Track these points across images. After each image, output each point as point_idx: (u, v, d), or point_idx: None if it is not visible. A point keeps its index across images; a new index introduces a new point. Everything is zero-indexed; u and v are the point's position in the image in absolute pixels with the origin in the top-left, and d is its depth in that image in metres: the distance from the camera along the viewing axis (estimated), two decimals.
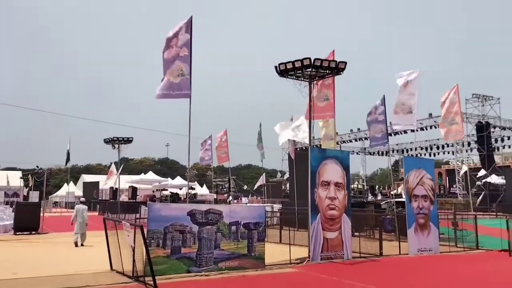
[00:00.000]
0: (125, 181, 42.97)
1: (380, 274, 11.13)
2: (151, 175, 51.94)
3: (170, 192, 45.48)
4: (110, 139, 33.09)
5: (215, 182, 47.75)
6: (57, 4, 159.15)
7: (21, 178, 53.72)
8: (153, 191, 47.46)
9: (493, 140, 50.33)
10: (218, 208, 11.22)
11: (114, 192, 39.77)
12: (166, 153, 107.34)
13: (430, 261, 13.20)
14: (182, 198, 42.44)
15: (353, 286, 9.19)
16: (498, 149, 54.77)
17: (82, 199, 20.91)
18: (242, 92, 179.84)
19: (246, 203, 44.23)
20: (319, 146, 20.92)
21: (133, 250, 9.34)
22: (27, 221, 20.61)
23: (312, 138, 14.53)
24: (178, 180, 51.04)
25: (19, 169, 67.33)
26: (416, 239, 14.38)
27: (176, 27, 12.39)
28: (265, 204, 26.21)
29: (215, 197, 45.99)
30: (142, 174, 55.79)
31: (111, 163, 37.60)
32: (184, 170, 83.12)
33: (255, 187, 44.22)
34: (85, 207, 17.52)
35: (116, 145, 33.31)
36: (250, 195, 57.66)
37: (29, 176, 46.29)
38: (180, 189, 48.77)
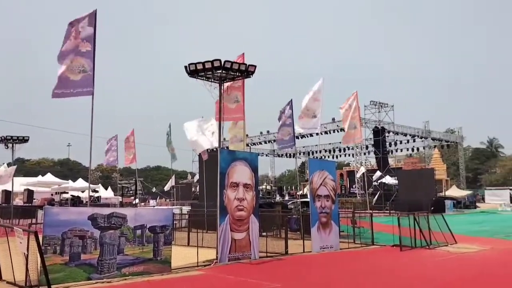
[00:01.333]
0: (20, 184, 39.45)
1: (284, 272, 11.49)
2: (49, 177, 48.27)
3: (71, 195, 42.74)
4: (2, 138, 30.17)
5: (120, 184, 45.80)
6: None
7: None
8: (52, 194, 44.23)
9: (387, 144, 54.79)
10: (122, 212, 10.75)
11: (7, 195, 36.29)
12: (68, 154, 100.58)
13: (331, 257, 13.95)
14: (84, 202, 40.14)
15: (259, 285, 9.38)
16: (392, 152, 59.81)
17: None
18: (152, 90, 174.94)
19: (154, 206, 43.09)
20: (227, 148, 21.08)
21: (26, 258, 8.59)
22: None
23: (223, 140, 14.62)
24: (80, 183, 48.06)
25: None
26: (319, 237, 15.08)
27: (78, 19, 11.65)
28: (173, 207, 25.73)
29: (121, 200, 44.13)
30: (40, 176, 51.71)
31: (3, 164, 34.28)
32: (87, 171, 78.75)
33: (165, 189, 43.23)
34: None
35: (10, 145, 30.50)
36: (158, 198, 56.28)
37: None
38: (82, 192, 46.05)
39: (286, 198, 45.99)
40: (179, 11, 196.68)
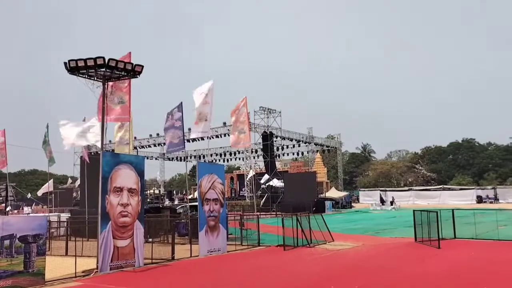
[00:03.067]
0: None
1: (169, 278, 11.30)
2: None
3: None
4: None
5: None
6: None
7: None
8: None
9: (275, 148, 57.18)
10: None
11: None
12: None
13: (217, 260, 14.07)
14: None
15: None
16: (279, 156, 62.58)
17: None
18: (29, 89, 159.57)
19: (29, 213, 39.25)
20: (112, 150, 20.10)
21: None
22: None
23: (107, 142, 13.88)
24: None
25: None
26: (207, 241, 15.11)
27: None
28: (49, 214, 23.72)
29: None
30: None
31: None
32: None
33: (40, 194, 39.58)
34: None
35: None
36: (34, 204, 51.47)
37: None
38: None
39: (176, 202, 45.36)
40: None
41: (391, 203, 48.74)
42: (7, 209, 35.58)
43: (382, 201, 51.71)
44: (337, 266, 12.40)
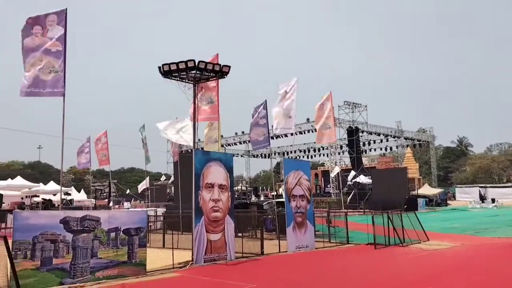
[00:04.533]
0: None
1: (260, 272, 11.52)
2: (19, 180, 46.95)
3: (42, 198, 41.69)
4: None
5: (93, 187, 44.97)
6: None
7: None
8: (22, 198, 43.04)
9: (361, 143, 55.58)
10: (96, 214, 10.57)
11: None
12: (38, 156, 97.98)
13: (307, 257, 14.06)
14: (56, 205, 39.23)
15: (235, 286, 9.37)
16: (365, 151, 60.70)
17: None
18: (124, 91, 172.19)
19: (128, 208, 42.47)
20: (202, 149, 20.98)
21: None
22: None
23: (197, 141, 14.54)
24: (52, 186, 46.96)
25: None
26: (294, 237, 15.18)
27: (44, 16, 11.35)
28: (148, 208, 25.42)
29: (94, 202, 43.33)
30: (9, 179, 50.22)
31: None
32: (59, 174, 76.98)
33: (139, 191, 42.64)
34: None
35: None
36: (132, 200, 55.51)
37: None
38: (54, 195, 44.99)
39: (262, 198, 46.10)
40: (155, 9, 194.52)
41: (493, 200, 45.02)
42: (110, 204, 38.76)
43: (482, 199, 47.97)
44: (434, 267, 11.74)
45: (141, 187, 39.27)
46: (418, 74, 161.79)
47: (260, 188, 69.96)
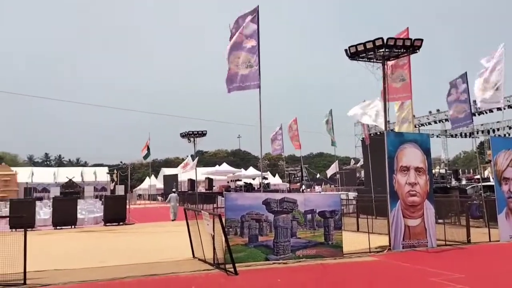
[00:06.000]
0: (201, 173, 44.50)
1: (468, 262, 10.47)
2: (225, 167, 53.34)
3: (244, 182, 46.37)
4: (185, 133, 34.35)
5: (287, 171, 47.79)
6: None
7: (107, 173, 57.75)
8: (228, 182, 48.72)
9: None
10: (293, 197, 11.18)
11: (192, 183, 41.36)
12: (238, 145, 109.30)
13: None
14: (256, 188, 43.09)
15: (439, 275, 8.71)
16: None
17: (174, 189, 29.55)
18: (312, 75, 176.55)
19: (320, 192, 43.85)
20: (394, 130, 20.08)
21: (213, 239, 9.59)
22: (115, 213, 22.07)
23: (388, 122, 13.97)
24: (251, 171, 51.89)
25: (106, 165, 72.24)
26: (508, 225, 13.35)
27: (241, 16, 12.42)
28: (339, 192, 25.74)
29: (288, 186, 46.07)
30: (217, 166, 57.44)
31: (187, 156, 39.00)
32: (256, 160, 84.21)
33: (328, 175, 43.55)
34: (176, 195, 26.00)
35: (192, 139, 34.57)
36: (323, 184, 57.07)
37: (115, 171, 49.49)
38: (253, 179, 49.54)
39: (463, 182, 41.81)
40: None
41: None
42: (302, 188, 40.63)
43: None
44: None
45: (330, 171, 39.96)
46: None
47: (461, 170, 63.53)
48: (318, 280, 8.66)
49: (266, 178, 49.60)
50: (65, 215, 20.81)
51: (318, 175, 66.89)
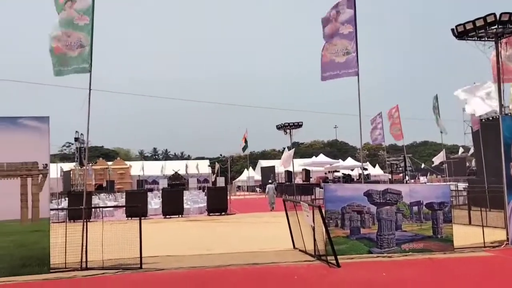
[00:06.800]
0: (298, 165, 44.59)
1: None
2: (322, 158, 52.84)
3: (342, 173, 45.54)
4: (281, 125, 34.64)
5: (388, 161, 45.89)
6: None
7: (208, 166, 60.71)
8: (325, 173, 48.24)
9: None
10: (396, 188, 10.69)
11: (289, 175, 41.71)
12: (335, 135, 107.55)
13: None
14: (355, 179, 42.10)
15: None
16: None
17: (270, 181, 31.22)
18: (412, 59, 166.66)
19: (425, 183, 41.42)
20: (510, 114, 18.16)
21: (313, 230, 9.56)
22: (217, 203, 23.10)
23: (502, 106, 12.71)
24: (349, 161, 50.74)
25: (207, 158, 75.96)
26: None
27: (335, 3, 12.09)
28: (447, 183, 24.08)
29: (390, 177, 44.25)
30: (314, 157, 57.16)
31: (284, 148, 39.40)
32: (354, 151, 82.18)
33: (433, 165, 40.96)
34: (273, 186, 27.34)
35: (288, 131, 34.77)
36: (428, 174, 53.88)
37: (215, 163, 51.75)
38: (352, 170, 48.44)
39: None
40: None
41: None
42: (405, 178, 38.72)
43: None
44: None
45: (437, 160, 37.53)
46: None
47: None
48: (426, 275, 8.19)
49: (366, 169, 48.24)
50: (173, 205, 22.30)
51: (422, 165, 63.20)
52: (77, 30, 9.93)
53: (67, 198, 24.35)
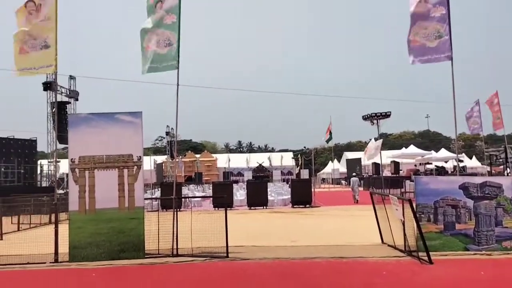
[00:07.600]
0: (386, 157, 42.90)
1: None
2: (412, 149, 50.36)
3: (435, 165, 42.97)
4: (368, 115, 33.52)
5: (487, 152, 42.31)
6: None
7: (292, 158, 60.83)
8: (416, 165, 45.87)
9: None
10: (497, 181, 9.77)
11: (376, 167, 40.29)
12: (427, 125, 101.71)
13: None
14: (449, 172, 39.53)
15: None
16: None
17: (354, 174, 31.58)
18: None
19: None
20: None
21: (403, 225, 9.10)
22: (301, 195, 23.02)
23: None
24: (443, 153, 47.76)
25: (290, 150, 76.15)
26: None
27: None
28: None
29: (488, 169, 40.82)
30: (403, 148, 54.66)
31: (370, 139, 38.07)
32: (448, 141, 77.15)
33: None
34: (357, 179, 27.41)
35: (375, 121, 33.56)
36: None
37: (299, 156, 51.65)
38: (446, 162, 45.51)
39: None
40: None
41: None
42: (507, 171, 35.42)
43: None
44: None
45: None
46: None
47: None
48: None
49: (462, 161, 45.04)
50: (257, 197, 22.68)
51: None
52: (166, 29, 10.39)
53: (159, 189, 25.96)
